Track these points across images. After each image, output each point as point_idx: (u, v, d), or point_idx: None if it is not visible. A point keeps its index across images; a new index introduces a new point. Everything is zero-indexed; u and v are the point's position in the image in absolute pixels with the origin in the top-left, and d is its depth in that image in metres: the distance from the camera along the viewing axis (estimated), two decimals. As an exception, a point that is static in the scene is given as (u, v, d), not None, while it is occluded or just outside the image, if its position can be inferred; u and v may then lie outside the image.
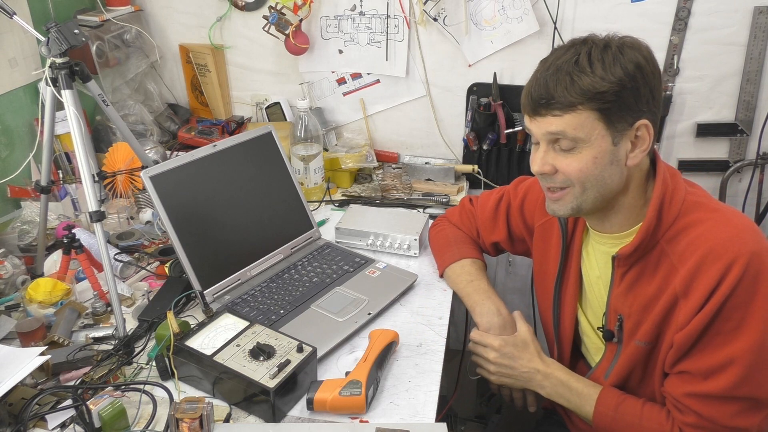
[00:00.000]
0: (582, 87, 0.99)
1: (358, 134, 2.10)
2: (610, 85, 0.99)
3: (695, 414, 1.04)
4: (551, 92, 1.02)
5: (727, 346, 1.01)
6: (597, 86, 0.99)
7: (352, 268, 1.50)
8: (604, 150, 1.03)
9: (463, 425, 1.98)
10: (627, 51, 1.01)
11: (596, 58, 1.00)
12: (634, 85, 1.00)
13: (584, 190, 1.07)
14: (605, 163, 1.04)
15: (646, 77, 1.01)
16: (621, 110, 1.01)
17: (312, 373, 1.16)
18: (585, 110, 1.01)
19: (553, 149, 1.07)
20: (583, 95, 1.00)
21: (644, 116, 1.03)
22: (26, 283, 1.39)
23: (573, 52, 1.03)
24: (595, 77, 0.99)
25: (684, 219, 1.06)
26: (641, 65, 1.01)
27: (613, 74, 0.99)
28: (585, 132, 1.02)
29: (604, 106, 1.00)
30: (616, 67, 0.99)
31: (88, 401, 1.07)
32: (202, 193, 1.40)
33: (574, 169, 1.05)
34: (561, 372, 1.21)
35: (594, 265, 1.22)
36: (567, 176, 1.07)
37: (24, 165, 1.57)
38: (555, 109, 1.02)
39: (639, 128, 1.03)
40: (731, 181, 1.96)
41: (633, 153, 1.05)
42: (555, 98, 1.01)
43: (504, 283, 2.23)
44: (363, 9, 1.91)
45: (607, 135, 1.02)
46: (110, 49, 1.89)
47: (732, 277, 0.98)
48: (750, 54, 1.77)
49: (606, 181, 1.06)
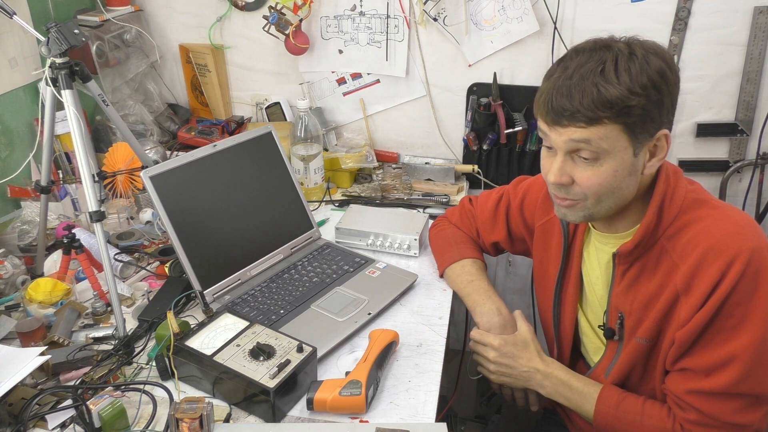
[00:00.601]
0: (610, 100, 0.95)
1: (358, 134, 2.10)
2: (638, 99, 0.95)
3: (696, 411, 1.04)
4: (576, 104, 0.97)
5: (728, 342, 1.01)
6: (625, 100, 0.95)
7: (352, 268, 1.50)
8: (625, 162, 1.01)
9: (463, 425, 1.98)
10: (652, 59, 0.97)
11: (623, 68, 0.96)
12: (659, 97, 0.97)
13: (598, 202, 1.05)
14: (624, 175, 1.02)
15: (669, 87, 0.99)
16: (645, 122, 0.98)
17: (312, 373, 1.16)
18: (611, 123, 0.97)
19: (572, 159, 1.03)
20: (610, 109, 0.96)
21: (665, 126, 1.02)
22: (26, 283, 1.39)
23: (597, 59, 0.97)
24: (623, 89, 0.95)
25: (685, 216, 1.06)
26: (666, 74, 0.98)
27: (641, 86, 0.95)
28: (609, 143, 0.98)
29: (630, 120, 0.97)
30: (644, 78, 0.95)
31: (88, 401, 1.07)
32: (202, 193, 1.40)
33: (593, 183, 1.02)
34: (561, 371, 1.21)
35: (595, 265, 1.22)
36: (584, 190, 1.04)
37: (24, 165, 1.57)
38: (579, 122, 0.98)
39: (659, 138, 1.02)
40: (731, 181, 1.96)
41: (650, 162, 1.04)
42: (581, 111, 0.97)
43: (504, 283, 2.23)
44: (363, 9, 1.91)
45: (629, 147, 1.00)
46: (110, 49, 1.89)
47: (733, 273, 0.98)
48: (750, 54, 1.77)
49: (623, 192, 1.05)
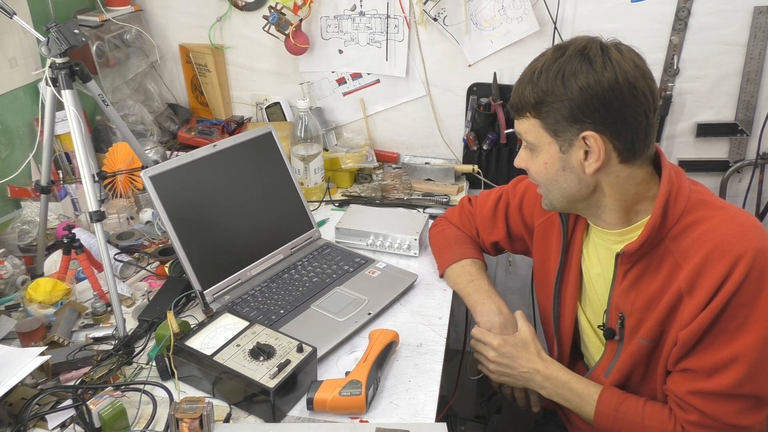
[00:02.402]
0: (526, 95, 1.06)
1: (358, 134, 2.10)
2: (538, 96, 1.04)
3: (698, 412, 1.04)
4: (516, 98, 1.10)
5: (731, 343, 1.01)
6: (531, 97, 1.05)
7: (352, 268, 1.50)
8: (552, 156, 1.08)
9: (463, 425, 1.98)
10: (585, 68, 1.00)
11: (545, 69, 1.04)
12: (571, 97, 1.01)
13: (548, 191, 1.15)
14: (557, 169, 1.09)
15: (595, 96, 1.00)
16: (557, 122, 1.04)
17: (312, 373, 1.16)
18: (531, 117, 1.08)
19: (525, 149, 1.14)
20: (527, 103, 1.07)
21: (588, 128, 1.03)
22: (26, 283, 1.39)
23: (541, 58, 1.07)
24: (536, 88, 1.04)
25: (688, 217, 1.06)
26: (591, 85, 1.00)
27: (549, 87, 1.02)
28: (534, 137, 1.09)
29: (541, 116, 1.06)
30: (557, 81, 1.02)
31: (88, 401, 1.07)
32: (202, 193, 1.40)
33: (533, 171, 1.14)
34: (561, 372, 1.21)
35: (595, 263, 1.22)
36: (533, 176, 1.15)
37: (24, 165, 1.57)
38: (516, 113, 1.11)
39: (586, 139, 1.04)
40: (731, 181, 1.96)
41: (587, 162, 1.06)
42: (513, 104, 1.11)
43: (504, 283, 2.23)
44: (363, 9, 1.92)
45: (553, 143, 1.07)
46: (110, 49, 1.89)
47: (737, 274, 0.98)
48: (750, 54, 1.77)
49: (562, 185, 1.11)
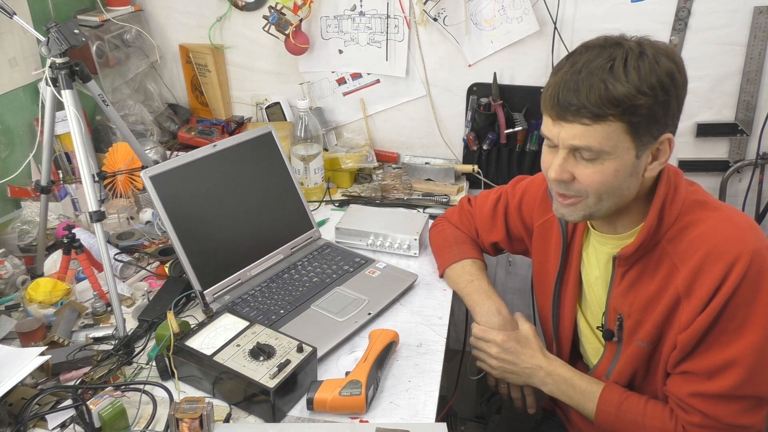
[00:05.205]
0: (616, 97, 0.94)
1: (358, 134, 2.10)
2: (645, 98, 0.94)
3: (700, 413, 1.04)
4: (582, 99, 0.96)
5: (730, 345, 1.01)
6: (632, 99, 0.94)
7: (352, 268, 1.50)
8: (626, 163, 1.00)
9: (463, 425, 1.98)
10: (662, 60, 0.96)
11: (633, 66, 0.95)
12: (666, 98, 0.96)
13: (599, 201, 1.04)
14: (626, 176, 1.01)
15: (677, 89, 0.98)
16: (650, 123, 0.97)
17: (312, 373, 1.16)
18: (615, 122, 0.96)
19: (573, 156, 1.02)
20: (617, 106, 0.95)
21: (669, 129, 1.01)
22: (26, 283, 1.39)
23: (607, 56, 0.96)
24: (631, 88, 0.94)
25: (685, 218, 1.06)
26: (675, 77, 0.97)
27: (649, 86, 0.94)
28: (611, 145, 0.98)
29: (636, 120, 0.96)
30: (652, 78, 0.95)
31: (88, 401, 1.07)
32: (202, 193, 1.40)
33: (594, 181, 1.02)
34: (564, 369, 1.21)
35: (594, 266, 1.21)
36: (585, 187, 1.03)
37: (24, 165, 1.57)
38: (584, 117, 0.97)
39: (663, 142, 1.01)
40: (731, 181, 1.95)
41: (652, 165, 1.03)
42: (586, 106, 0.96)
43: (504, 283, 2.23)
44: (363, 9, 1.91)
45: (632, 148, 0.99)
46: (110, 49, 1.89)
47: (735, 275, 0.98)
48: (750, 54, 1.77)
49: (623, 192, 1.04)
